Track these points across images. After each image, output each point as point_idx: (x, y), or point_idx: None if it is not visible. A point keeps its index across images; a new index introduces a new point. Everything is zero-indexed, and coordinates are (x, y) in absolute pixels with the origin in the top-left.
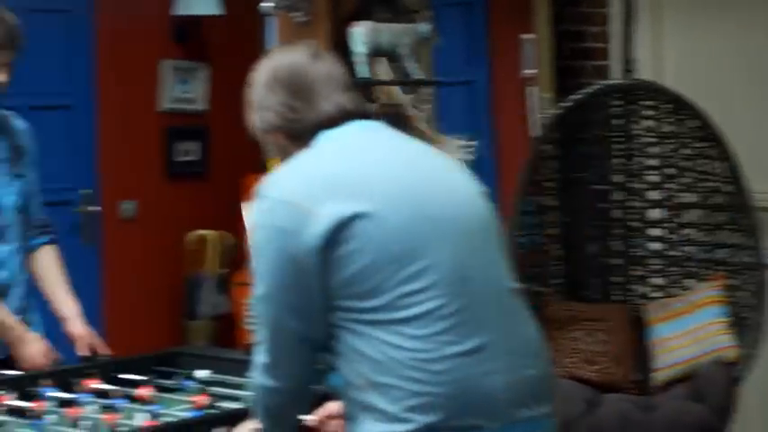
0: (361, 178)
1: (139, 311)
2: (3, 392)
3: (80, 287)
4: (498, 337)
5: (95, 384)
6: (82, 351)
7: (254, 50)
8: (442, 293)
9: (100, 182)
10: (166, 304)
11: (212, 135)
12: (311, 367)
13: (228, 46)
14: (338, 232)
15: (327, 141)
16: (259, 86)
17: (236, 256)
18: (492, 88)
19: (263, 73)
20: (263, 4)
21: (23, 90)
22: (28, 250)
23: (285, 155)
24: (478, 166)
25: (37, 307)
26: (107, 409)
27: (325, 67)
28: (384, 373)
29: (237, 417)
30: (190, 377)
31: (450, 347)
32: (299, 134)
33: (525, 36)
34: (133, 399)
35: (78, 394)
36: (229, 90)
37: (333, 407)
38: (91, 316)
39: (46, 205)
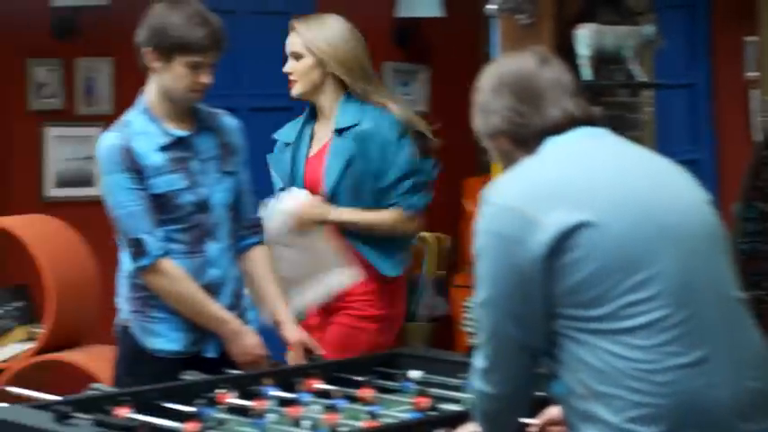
0: (586, 186)
1: None
2: (224, 391)
3: None
4: (722, 349)
5: (317, 384)
6: (298, 359)
7: (475, 53)
8: (666, 303)
9: None
10: None
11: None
12: (529, 374)
13: (449, 48)
14: (563, 241)
15: (553, 148)
16: (485, 90)
17: (455, 259)
18: (713, 91)
19: (489, 77)
20: (488, 7)
21: (246, 92)
22: (240, 250)
23: (509, 160)
24: (699, 171)
25: (252, 305)
26: (328, 409)
27: (554, 73)
28: (606, 383)
29: (458, 419)
30: (406, 378)
31: (674, 359)
32: (524, 139)
33: (748, 38)
34: (354, 399)
35: (299, 394)
36: (450, 92)
37: (554, 412)
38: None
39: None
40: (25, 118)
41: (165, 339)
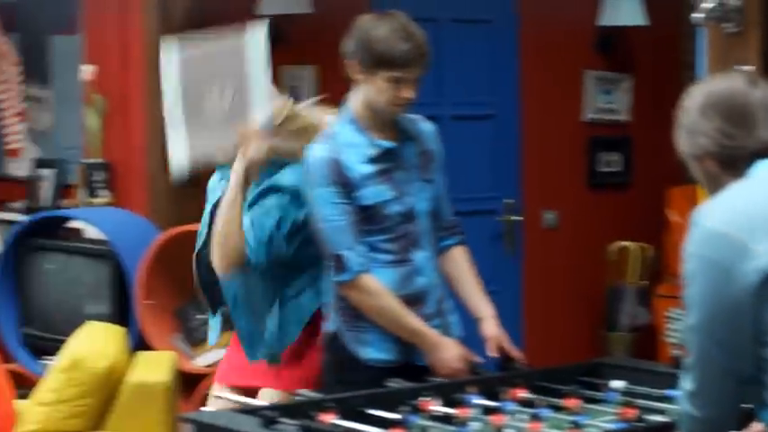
0: None
1: (559, 320)
2: (428, 398)
3: (501, 295)
4: None
5: (520, 393)
6: (491, 351)
7: (679, 62)
8: None
9: (522, 191)
10: (586, 314)
11: (635, 146)
12: (735, 399)
13: (653, 57)
14: None
15: (764, 172)
16: (692, 111)
17: (658, 268)
18: None
19: (696, 97)
20: (694, 15)
21: (448, 100)
22: (439, 251)
23: (714, 183)
24: None
25: (454, 309)
26: (532, 417)
27: (764, 95)
28: None
29: (664, 430)
30: (609, 388)
31: None
32: (732, 162)
33: None
34: (558, 408)
35: (503, 402)
36: (653, 101)
37: (759, 428)
38: (510, 323)
39: (469, 214)
40: None
41: (375, 349)
